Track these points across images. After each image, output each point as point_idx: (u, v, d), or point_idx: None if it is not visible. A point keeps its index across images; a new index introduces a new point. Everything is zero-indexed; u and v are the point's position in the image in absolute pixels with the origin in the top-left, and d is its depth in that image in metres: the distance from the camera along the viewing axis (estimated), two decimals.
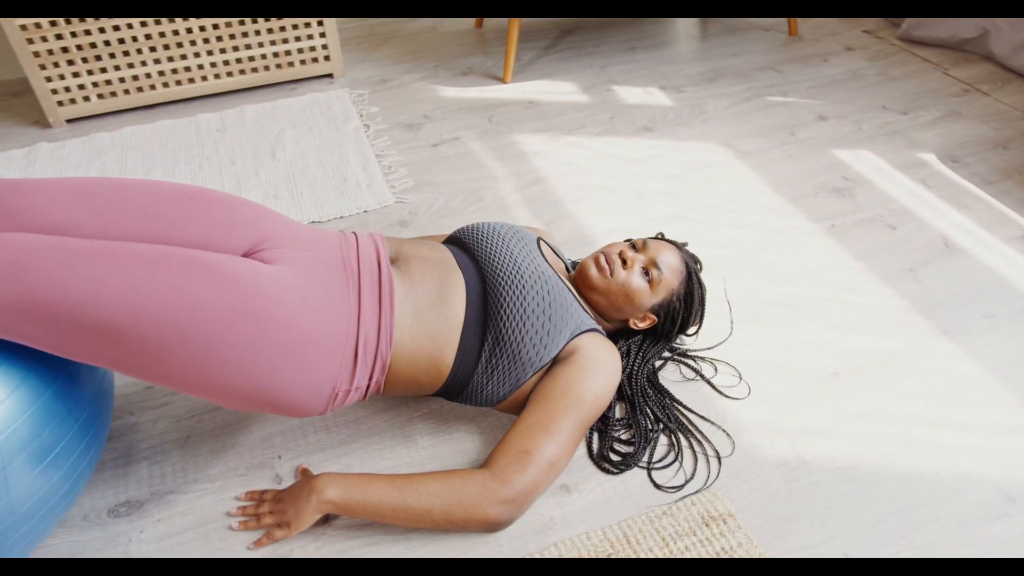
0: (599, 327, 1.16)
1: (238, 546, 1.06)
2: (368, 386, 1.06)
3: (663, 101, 2.14)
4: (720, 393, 1.26)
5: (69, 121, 2.15)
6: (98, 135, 2.07)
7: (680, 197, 1.74)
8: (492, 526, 1.02)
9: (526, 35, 2.57)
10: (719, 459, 1.15)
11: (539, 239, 1.26)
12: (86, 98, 2.12)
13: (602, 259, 1.21)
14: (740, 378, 1.29)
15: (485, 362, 1.09)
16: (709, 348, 1.34)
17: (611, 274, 1.19)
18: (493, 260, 1.13)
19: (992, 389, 1.25)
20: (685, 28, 2.59)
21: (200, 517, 1.10)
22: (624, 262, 1.20)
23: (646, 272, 1.20)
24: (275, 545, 1.06)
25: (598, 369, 1.10)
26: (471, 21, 2.73)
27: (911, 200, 1.70)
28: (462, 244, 1.20)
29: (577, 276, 1.24)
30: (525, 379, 1.10)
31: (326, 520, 1.08)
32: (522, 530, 1.07)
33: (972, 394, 1.25)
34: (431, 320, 1.06)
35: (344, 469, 1.16)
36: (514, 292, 1.08)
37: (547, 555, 1.03)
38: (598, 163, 1.88)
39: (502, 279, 1.10)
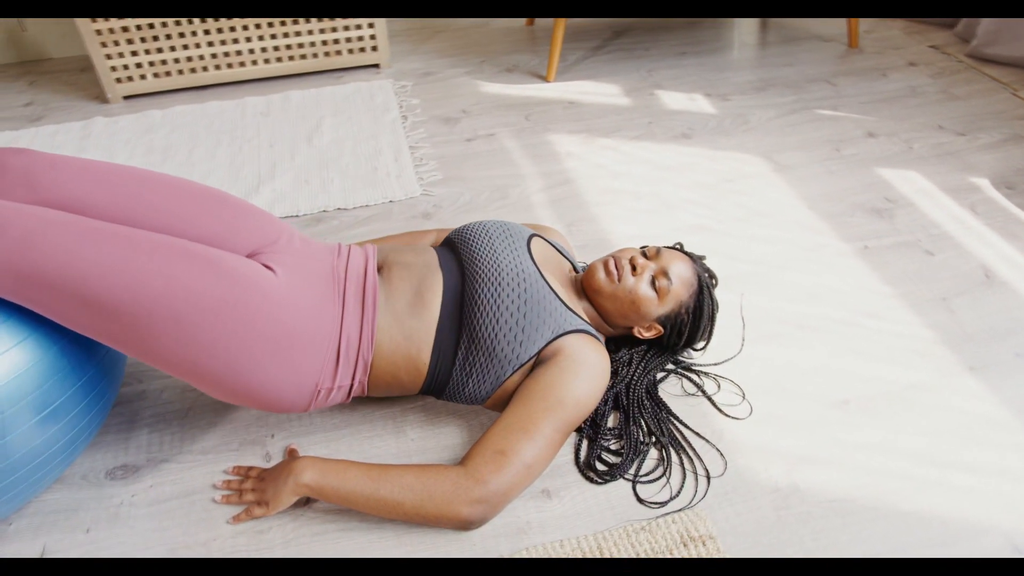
0: (588, 328, 1.14)
1: (219, 519, 1.08)
2: (351, 386, 1.09)
3: (706, 108, 2.09)
4: (720, 411, 1.22)
5: (126, 98, 2.24)
6: (151, 112, 2.15)
7: (708, 208, 1.69)
8: (463, 524, 1.01)
9: (576, 35, 2.55)
10: (708, 478, 1.12)
11: (533, 236, 1.24)
12: (142, 76, 2.20)
13: (611, 263, 1.19)
14: (743, 397, 1.25)
15: (462, 359, 1.09)
16: (715, 364, 1.30)
17: (619, 279, 1.17)
18: (474, 259, 1.13)
19: (1016, 433, 1.18)
20: (740, 35, 2.52)
21: (188, 487, 1.13)
22: (634, 268, 1.18)
23: (655, 281, 1.17)
24: (253, 522, 1.08)
25: (582, 371, 1.08)
26: (522, 17, 2.72)
27: (955, 226, 1.62)
28: (452, 244, 1.21)
29: (584, 278, 1.22)
30: (505, 377, 1.09)
31: (307, 502, 1.10)
32: (496, 531, 1.06)
33: (992, 436, 1.17)
34: (407, 320, 1.08)
35: (332, 454, 1.17)
36: (488, 290, 1.08)
37: (518, 558, 1.02)
38: (630, 168, 1.85)
39: (479, 277, 1.10)
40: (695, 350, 1.30)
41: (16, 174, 0.94)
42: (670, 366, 1.29)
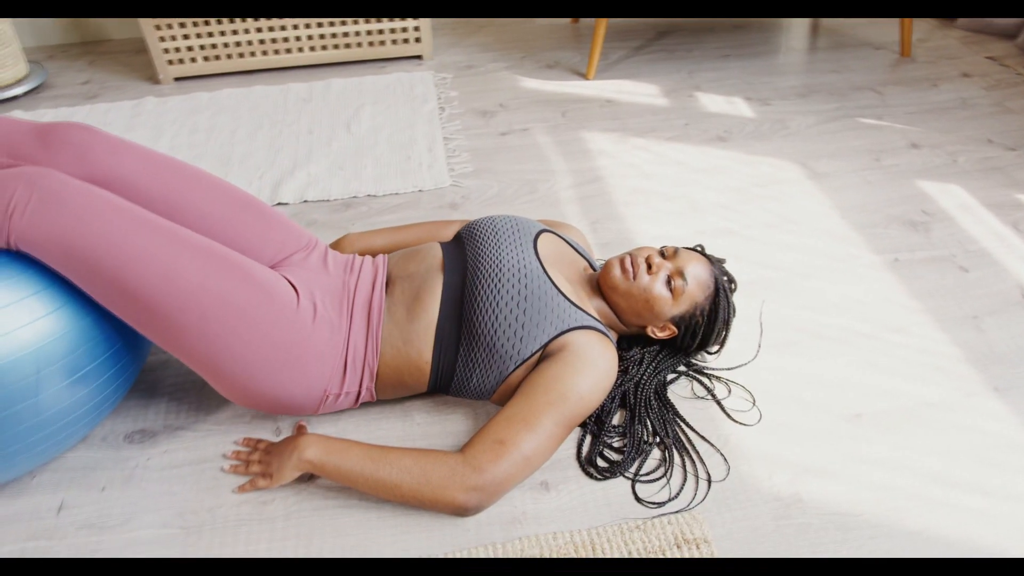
0: (596, 325, 1.14)
1: (225, 488, 1.12)
2: (359, 392, 1.14)
3: (744, 112, 2.06)
4: (728, 416, 1.21)
5: (177, 79, 2.32)
6: (198, 94, 2.22)
7: (737, 212, 1.67)
8: (459, 510, 1.03)
9: (620, 34, 2.54)
10: (709, 482, 1.11)
11: (544, 232, 1.24)
12: (193, 60, 2.27)
13: (627, 261, 1.19)
14: (753, 403, 1.23)
15: (464, 356, 1.11)
16: (728, 369, 1.29)
17: (634, 277, 1.17)
18: (477, 256, 1.15)
19: None
20: (789, 39, 2.47)
21: (200, 455, 1.17)
22: (649, 267, 1.18)
23: (670, 281, 1.17)
24: (257, 493, 1.11)
25: (587, 367, 1.08)
26: None
27: (994, 243, 1.56)
28: (460, 240, 1.22)
29: (600, 275, 1.22)
30: (508, 372, 1.10)
31: (310, 478, 1.13)
32: (491, 518, 1.07)
33: (1011, 460, 1.13)
34: (406, 326, 1.12)
35: (340, 433, 1.20)
36: (488, 286, 1.09)
37: (510, 547, 1.03)
38: (661, 168, 1.83)
39: (480, 274, 1.11)
40: (709, 353, 1.29)
41: (77, 149, 0.99)
42: (682, 368, 1.28)
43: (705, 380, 1.27)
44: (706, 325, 1.20)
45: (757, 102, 2.11)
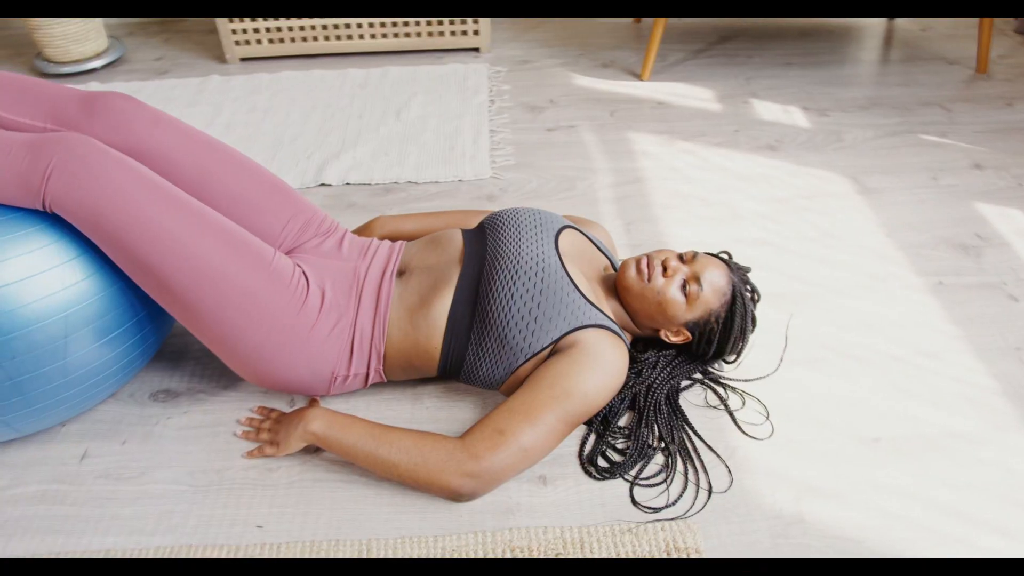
0: (610, 325, 1.13)
1: (236, 452, 1.16)
2: (367, 373, 1.16)
3: (799, 122, 2.00)
4: (738, 427, 1.18)
5: (242, 60, 2.41)
6: (260, 75, 2.29)
7: (777, 223, 1.63)
8: (453, 495, 1.04)
9: (680, 36, 2.50)
10: (709, 492, 1.09)
11: (567, 228, 1.23)
12: (259, 41, 2.35)
13: (643, 262, 1.17)
14: (767, 417, 1.20)
15: (475, 344, 1.11)
16: (746, 380, 1.26)
17: (648, 279, 1.16)
18: (497, 247, 1.15)
19: None
20: (858, 50, 2.39)
21: (217, 419, 1.22)
22: (665, 270, 1.16)
23: (686, 285, 1.15)
24: (265, 460, 1.15)
25: (595, 366, 1.08)
26: None
27: None
28: (482, 230, 1.22)
29: (616, 276, 1.21)
30: (517, 364, 1.10)
31: (317, 450, 1.16)
32: (485, 506, 1.08)
33: None
34: (417, 311, 1.13)
35: (350, 409, 1.23)
36: (504, 277, 1.10)
37: (500, 536, 1.03)
38: (705, 173, 1.80)
39: (498, 265, 1.12)
40: (726, 362, 1.27)
41: (119, 118, 1.04)
42: (697, 375, 1.26)
43: (719, 389, 1.25)
44: (721, 333, 1.18)
45: (814, 112, 2.04)
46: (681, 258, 1.19)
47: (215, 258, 1.02)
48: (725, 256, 1.42)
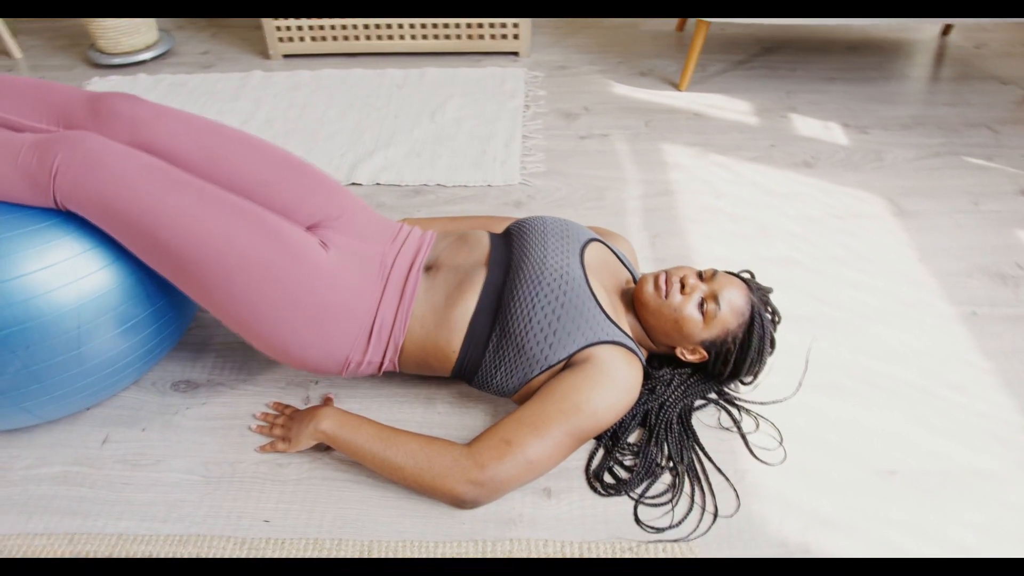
0: (626, 342, 1.12)
1: (249, 446, 1.18)
2: (381, 363, 1.15)
3: (838, 139, 1.96)
4: (749, 451, 1.16)
5: (285, 56, 2.45)
6: (302, 72, 2.33)
7: (808, 242, 1.59)
8: (456, 501, 1.04)
9: (721, 46, 2.47)
10: (715, 516, 1.07)
11: (593, 241, 1.23)
12: (302, 38, 2.39)
13: (661, 278, 1.16)
14: (780, 443, 1.18)
15: (492, 351, 1.11)
16: (762, 403, 1.24)
17: (666, 296, 1.15)
18: (523, 255, 1.14)
19: None
20: (907, 66, 2.32)
21: (234, 411, 1.24)
22: (683, 287, 1.15)
23: (703, 304, 1.14)
24: (277, 456, 1.17)
25: (607, 383, 1.07)
26: (673, 22, 2.67)
27: None
28: (509, 235, 1.22)
29: (634, 290, 1.20)
30: (532, 375, 1.10)
31: (327, 449, 1.17)
32: (487, 516, 1.08)
33: None
34: (442, 311, 1.12)
35: (362, 410, 1.24)
36: (528, 287, 1.09)
37: (499, 547, 1.03)
38: (736, 188, 1.77)
39: (522, 274, 1.11)
40: (743, 383, 1.25)
41: (124, 119, 1.07)
42: (712, 395, 1.25)
43: (734, 411, 1.23)
44: (738, 354, 1.16)
45: (855, 129, 2.00)
46: (700, 276, 1.18)
47: (221, 230, 1.01)
48: (747, 275, 1.40)
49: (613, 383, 1.08)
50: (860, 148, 1.92)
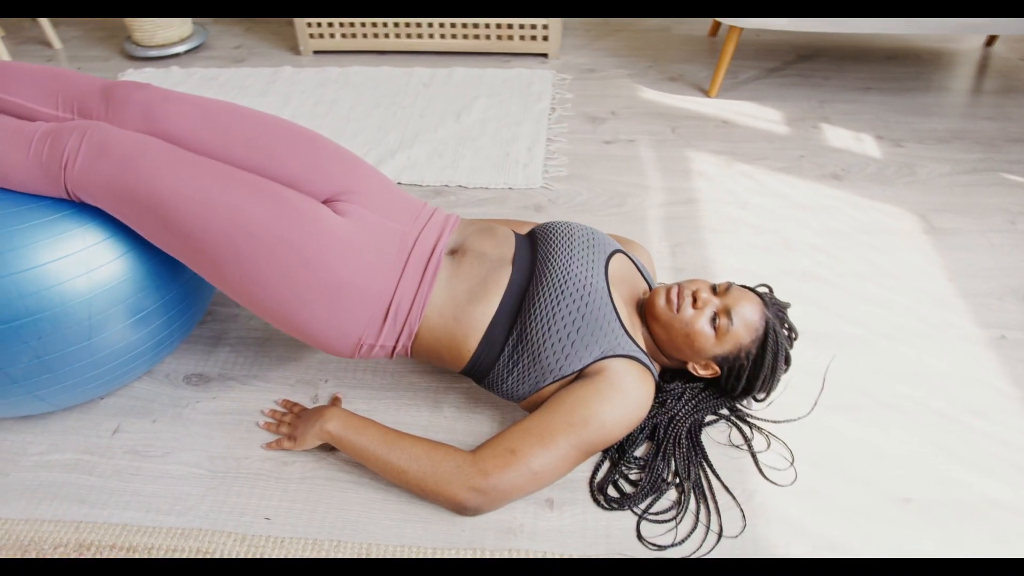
0: (640, 357, 1.10)
1: (256, 442, 1.19)
2: (395, 347, 1.13)
3: (871, 151, 1.91)
4: (759, 470, 1.14)
5: (315, 52, 2.47)
6: (330, 68, 2.34)
7: (832, 257, 1.56)
8: (458, 508, 1.04)
9: (755, 53, 2.42)
10: (719, 536, 1.05)
11: (618, 252, 1.21)
12: (332, 35, 2.41)
13: (673, 291, 1.14)
14: (791, 463, 1.15)
15: (507, 356, 1.10)
16: (775, 421, 1.21)
17: (677, 309, 1.12)
18: (547, 261, 1.12)
19: None
20: (948, 78, 2.26)
21: (243, 407, 1.25)
22: (695, 301, 1.13)
23: (716, 319, 1.11)
24: (282, 453, 1.17)
25: (617, 397, 1.05)
26: (706, 27, 2.63)
27: None
28: (533, 239, 1.20)
29: (646, 302, 1.18)
30: (544, 384, 1.09)
31: (332, 449, 1.18)
32: (488, 524, 1.07)
33: None
34: (463, 305, 1.09)
35: (370, 410, 1.24)
36: (550, 295, 1.07)
37: (497, 557, 1.02)
38: (761, 199, 1.74)
39: (545, 281, 1.09)
40: (756, 400, 1.22)
41: (136, 106, 1.07)
42: (724, 411, 1.22)
43: (745, 428, 1.20)
44: (751, 370, 1.13)
45: (888, 142, 1.94)
46: (714, 289, 1.15)
47: (234, 206, 1.00)
48: (765, 289, 1.37)
49: (624, 397, 1.06)
50: (893, 161, 1.87)
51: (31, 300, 0.99)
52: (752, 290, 1.17)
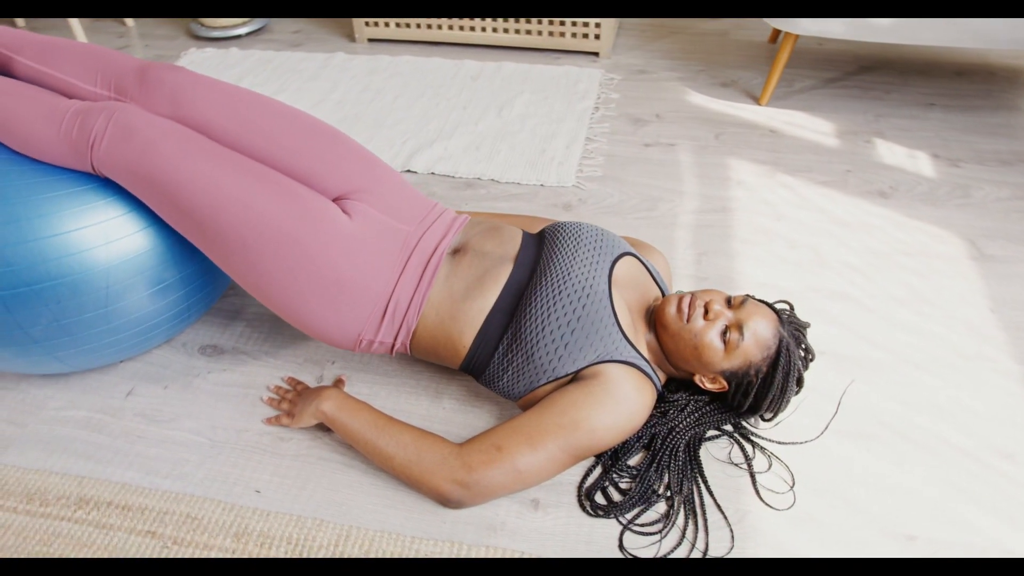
0: (639, 363, 1.08)
1: (257, 416, 1.22)
2: (394, 344, 1.14)
3: (924, 170, 1.81)
4: (756, 491, 1.10)
5: (370, 40, 2.50)
6: (382, 56, 2.37)
7: (866, 277, 1.49)
8: (441, 499, 1.03)
9: (813, 62, 2.34)
10: (704, 556, 1.02)
11: (627, 255, 1.19)
12: (387, 24, 2.44)
13: (685, 301, 1.11)
14: (791, 487, 1.11)
15: (501, 353, 1.09)
16: (781, 442, 1.17)
17: (687, 320, 1.09)
18: (551, 259, 1.11)
19: None
20: (1020, 98, 2.13)
21: (251, 380, 1.28)
22: (707, 313, 1.09)
23: (726, 332, 1.08)
24: (281, 429, 1.19)
25: (610, 403, 1.04)
26: (766, 33, 2.55)
27: None
28: (542, 237, 1.19)
29: (656, 309, 1.15)
30: (538, 384, 1.08)
31: (329, 429, 1.19)
32: (469, 518, 1.07)
33: None
34: (459, 302, 1.10)
35: (371, 395, 1.25)
36: (547, 294, 1.06)
37: (474, 552, 1.02)
38: (799, 212, 1.68)
39: (545, 278, 1.08)
40: (763, 419, 1.18)
41: (166, 88, 1.11)
42: (727, 427, 1.18)
43: (747, 447, 1.16)
44: (759, 388, 1.10)
45: (945, 161, 1.85)
46: (729, 302, 1.12)
47: (246, 198, 1.03)
48: (784, 306, 1.32)
49: (616, 404, 1.04)
50: (946, 182, 1.77)
51: (52, 265, 1.03)
52: (770, 306, 1.13)
